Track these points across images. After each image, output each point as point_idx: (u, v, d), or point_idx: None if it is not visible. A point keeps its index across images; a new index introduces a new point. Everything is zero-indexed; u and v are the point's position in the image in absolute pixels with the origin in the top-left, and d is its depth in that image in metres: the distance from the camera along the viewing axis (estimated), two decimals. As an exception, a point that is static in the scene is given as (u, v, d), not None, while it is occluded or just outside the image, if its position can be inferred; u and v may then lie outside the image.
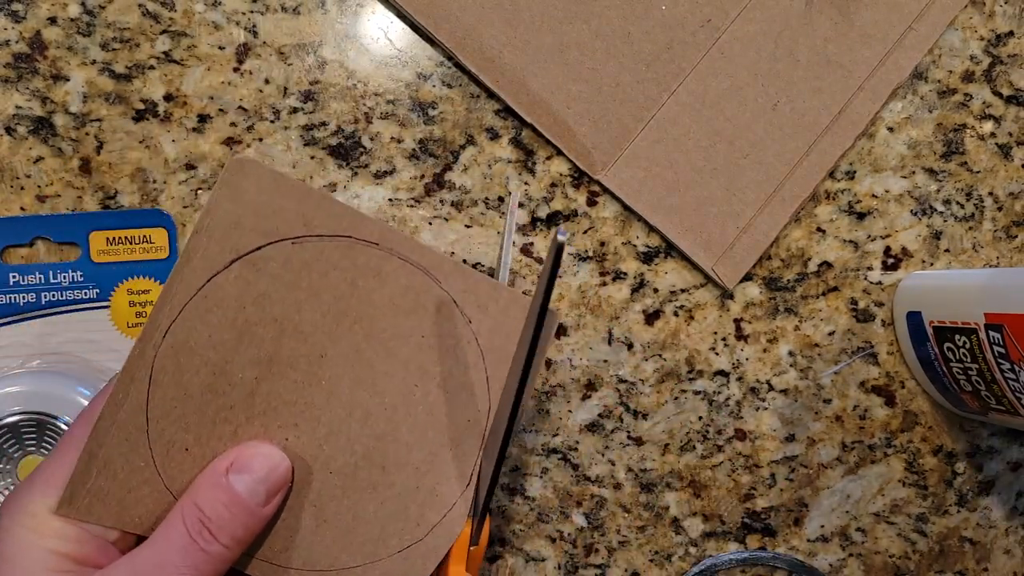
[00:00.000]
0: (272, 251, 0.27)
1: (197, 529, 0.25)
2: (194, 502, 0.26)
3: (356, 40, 0.38)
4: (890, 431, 0.40)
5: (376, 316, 0.28)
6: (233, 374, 0.27)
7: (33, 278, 0.36)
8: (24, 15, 0.36)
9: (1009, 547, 0.41)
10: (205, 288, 0.26)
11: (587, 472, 0.39)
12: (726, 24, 0.38)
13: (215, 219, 0.26)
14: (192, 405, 0.26)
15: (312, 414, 0.28)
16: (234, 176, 0.26)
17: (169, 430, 0.26)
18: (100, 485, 0.26)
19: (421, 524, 0.29)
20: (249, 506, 0.26)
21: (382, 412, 0.29)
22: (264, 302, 0.27)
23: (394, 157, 0.38)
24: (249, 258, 0.26)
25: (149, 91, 0.37)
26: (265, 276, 0.27)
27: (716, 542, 0.40)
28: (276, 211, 0.26)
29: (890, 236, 0.40)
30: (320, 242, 0.27)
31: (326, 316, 0.28)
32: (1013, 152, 0.41)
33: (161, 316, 0.26)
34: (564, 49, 0.38)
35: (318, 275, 0.27)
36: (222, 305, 0.26)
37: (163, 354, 0.26)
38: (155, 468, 0.26)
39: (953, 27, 0.40)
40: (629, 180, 0.38)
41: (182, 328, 0.26)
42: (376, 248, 0.28)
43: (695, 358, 0.39)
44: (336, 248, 0.27)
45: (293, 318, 0.27)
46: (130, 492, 0.26)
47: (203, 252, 0.26)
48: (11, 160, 0.36)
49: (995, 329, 0.33)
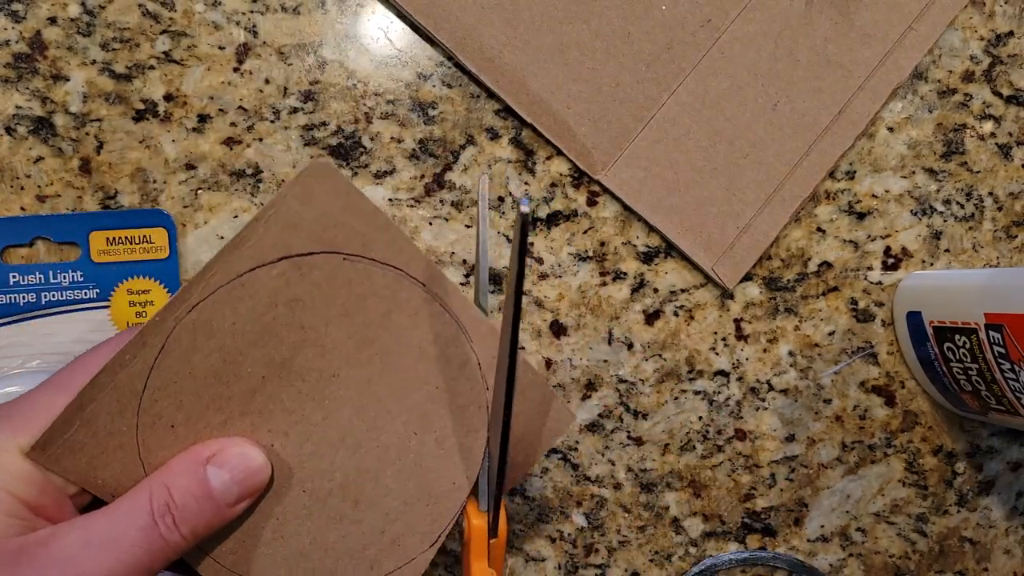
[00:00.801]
0: (322, 260, 0.26)
1: (161, 512, 0.24)
2: (165, 483, 0.25)
3: (356, 40, 0.38)
4: (890, 431, 0.40)
5: (399, 354, 0.28)
6: (242, 367, 0.26)
7: (33, 278, 0.36)
8: (24, 15, 0.36)
9: (1009, 547, 0.41)
10: (245, 276, 0.26)
11: (587, 472, 0.39)
12: (726, 24, 0.38)
13: (278, 213, 0.26)
14: (193, 385, 0.26)
15: (304, 428, 0.27)
16: (310, 178, 0.26)
17: (162, 403, 0.26)
18: (77, 439, 0.25)
19: (375, 569, 0.29)
20: (219, 503, 0.25)
21: (373, 449, 0.28)
22: (296, 307, 0.26)
23: (394, 157, 0.38)
24: (297, 260, 0.26)
25: (149, 91, 0.37)
26: (306, 282, 0.26)
27: (716, 542, 0.40)
28: (339, 223, 0.26)
29: (890, 236, 0.40)
30: (370, 266, 0.27)
31: (351, 338, 0.27)
32: (1013, 152, 0.41)
33: (193, 291, 0.25)
34: (564, 49, 0.38)
35: (357, 297, 0.27)
36: (255, 297, 0.26)
37: (183, 327, 0.26)
38: (135, 436, 0.26)
39: (953, 27, 0.40)
40: (629, 180, 0.38)
41: (210, 308, 0.26)
42: (421, 288, 0.28)
43: (695, 358, 0.39)
44: (383, 276, 0.27)
45: (319, 330, 0.27)
46: (103, 453, 0.26)
47: (255, 241, 0.26)
48: (11, 160, 0.36)
49: (995, 329, 0.33)
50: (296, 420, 0.27)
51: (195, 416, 0.26)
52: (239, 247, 0.26)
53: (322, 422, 0.28)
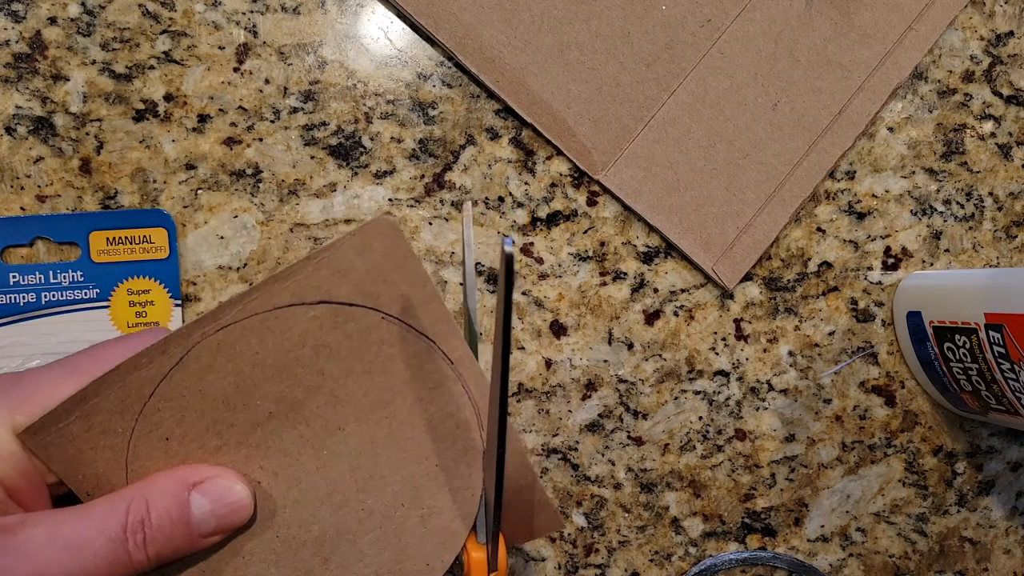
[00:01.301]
0: (360, 314, 0.26)
1: (134, 529, 0.24)
2: (146, 499, 0.24)
3: (356, 40, 0.38)
4: (890, 431, 0.40)
5: (409, 423, 0.28)
6: (253, 398, 0.26)
7: (33, 278, 0.36)
8: (24, 15, 0.36)
9: (1009, 547, 0.41)
10: (282, 310, 0.26)
11: (587, 472, 0.39)
12: (726, 24, 0.38)
13: (332, 258, 0.25)
14: (199, 404, 0.26)
15: (296, 474, 0.27)
16: (372, 231, 0.25)
17: (164, 414, 0.26)
18: (72, 430, 0.25)
19: None
20: (193, 532, 0.25)
21: (357, 510, 0.28)
22: (322, 352, 0.26)
23: (394, 157, 0.38)
24: (337, 308, 0.26)
25: (149, 91, 0.37)
26: (339, 331, 0.26)
27: (716, 542, 0.40)
28: (387, 282, 0.26)
29: (890, 236, 0.40)
30: (406, 331, 0.27)
31: (367, 396, 0.27)
32: (1013, 152, 0.41)
33: (227, 311, 0.25)
34: (564, 49, 0.38)
35: (384, 358, 0.27)
36: (286, 333, 0.26)
37: (206, 344, 0.25)
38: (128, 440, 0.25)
39: (953, 27, 0.40)
40: (629, 180, 0.38)
41: (238, 332, 0.25)
42: (448, 365, 0.28)
43: (695, 358, 0.39)
44: (415, 344, 0.27)
45: (338, 380, 0.27)
46: (92, 450, 0.25)
47: (302, 279, 0.25)
48: (11, 160, 0.36)
49: (995, 329, 0.33)
50: (290, 463, 0.27)
51: (192, 435, 0.26)
52: (284, 280, 0.25)
53: (315, 472, 0.27)
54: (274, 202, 0.37)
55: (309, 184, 0.37)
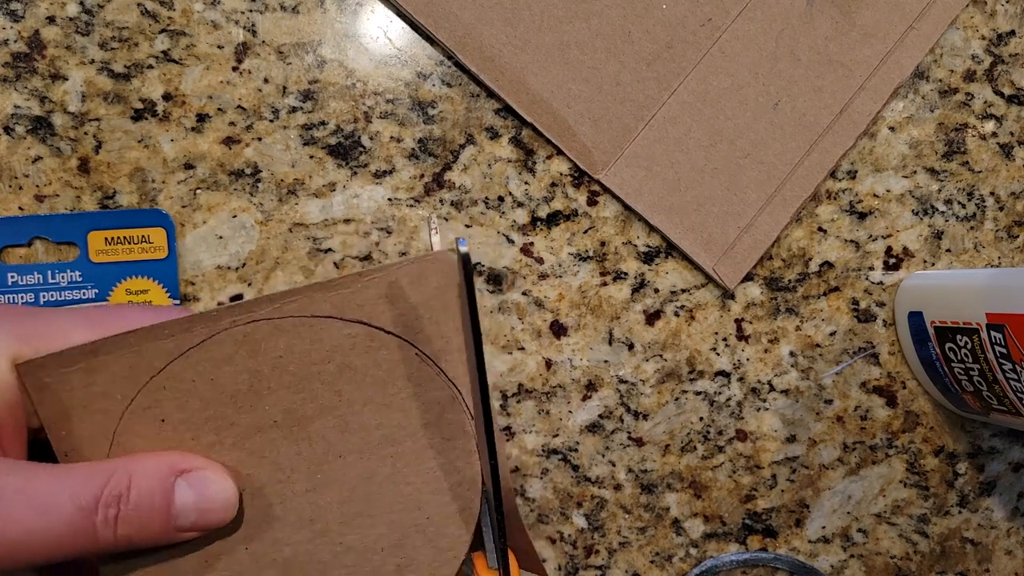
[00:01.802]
0: (394, 343, 0.26)
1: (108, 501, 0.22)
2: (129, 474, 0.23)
3: (355, 39, 0.37)
4: (891, 432, 0.40)
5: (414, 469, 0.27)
6: (263, 401, 0.25)
7: (32, 278, 0.35)
8: (22, 14, 0.36)
9: (1011, 548, 0.41)
10: (318, 320, 0.25)
11: (587, 473, 0.39)
12: (727, 23, 0.38)
13: (383, 281, 0.25)
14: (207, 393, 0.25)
15: (282, 490, 0.26)
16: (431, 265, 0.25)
17: (168, 393, 0.24)
18: (71, 380, 0.24)
19: None
20: (168, 521, 0.23)
21: (336, 544, 0.27)
22: (346, 373, 0.26)
23: (394, 157, 0.38)
24: (374, 332, 0.25)
25: (148, 90, 0.36)
26: (370, 356, 0.26)
27: (717, 543, 0.40)
28: (432, 321, 0.26)
29: (891, 236, 0.40)
30: (437, 374, 0.26)
31: (379, 430, 0.26)
32: (1015, 152, 0.40)
33: (263, 306, 0.24)
34: (564, 48, 0.38)
35: (405, 395, 0.26)
36: (316, 344, 0.25)
37: (232, 334, 0.24)
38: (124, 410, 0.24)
39: (954, 26, 0.40)
40: (629, 180, 0.38)
41: (267, 329, 0.25)
42: (468, 418, 0.27)
43: (696, 358, 0.39)
44: (441, 390, 0.26)
45: (354, 406, 0.26)
46: (84, 408, 0.24)
47: (347, 294, 0.25)
48: (9, 160, 0.36)
49: (997, 329, 0.33)
50: (280, 479, 0.26)
51: (190, 423, 0.25)
52: (327, 290, 0.25)
53: (302, 494, 0.26)
54: (273, 202, 0.37)
55: (308, 184, 0.37)
